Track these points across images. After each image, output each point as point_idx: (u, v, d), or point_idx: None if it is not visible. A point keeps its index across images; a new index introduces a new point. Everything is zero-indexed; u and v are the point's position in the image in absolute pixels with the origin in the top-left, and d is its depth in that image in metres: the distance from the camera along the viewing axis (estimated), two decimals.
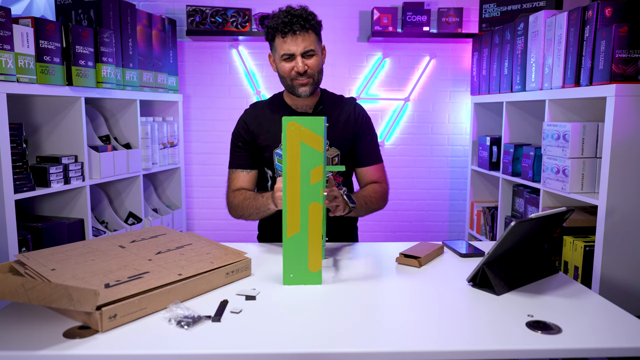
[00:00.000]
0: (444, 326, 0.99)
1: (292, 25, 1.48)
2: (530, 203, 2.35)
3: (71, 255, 1.19)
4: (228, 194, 1.64)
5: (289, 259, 1.20)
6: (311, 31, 1.51)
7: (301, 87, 1.55)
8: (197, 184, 3.26)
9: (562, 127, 1.94)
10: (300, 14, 1.50)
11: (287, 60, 1.53)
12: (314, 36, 1.53)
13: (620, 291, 1.74)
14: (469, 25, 3.10)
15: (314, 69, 1.54)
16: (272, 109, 1.65)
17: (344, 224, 1.74)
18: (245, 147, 1.64)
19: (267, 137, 1.62)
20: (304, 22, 1.49)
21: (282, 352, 0.89)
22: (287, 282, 1.21)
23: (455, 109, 3.21)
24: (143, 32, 2.59)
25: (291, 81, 1.55)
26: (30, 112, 2.15)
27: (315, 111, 1.64)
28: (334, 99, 1.70)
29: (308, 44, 1.51)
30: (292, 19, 1.48)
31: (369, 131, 1.68)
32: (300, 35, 1.49)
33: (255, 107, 1.69)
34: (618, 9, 1.75)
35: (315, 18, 1.54)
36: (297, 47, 1.50)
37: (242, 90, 3.18)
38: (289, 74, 1.54)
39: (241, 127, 1.65)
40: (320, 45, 1.59)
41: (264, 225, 1.79)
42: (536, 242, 1.30)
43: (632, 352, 0.91)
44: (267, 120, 1.64)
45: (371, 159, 1.67)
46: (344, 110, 1.67)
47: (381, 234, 3.28)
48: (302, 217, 1.18)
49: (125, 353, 0.87)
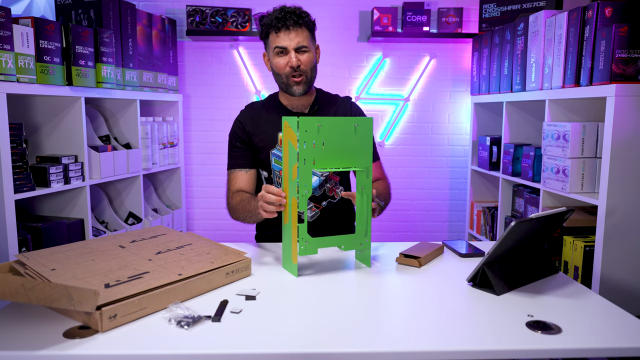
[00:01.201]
0: (444, 326, 0.99)
1: (286, 21, 1.50)
2: (530, 203, 2.35)
3: (71, 255, 1.19)
4: (228, 196, 1.64)
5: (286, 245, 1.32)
6: (304, 27, 1.53)
7: (295, 86, 1.56)
8: (197, 184, 3.26)
9: (562, 127, 1.94)
10: (294, 10, 1.53)
11: (280, 55, 1.54)
12: (307, 33, 1.55)
13: (620, 291, 1.74)
14: (469, 25, 3.10)
15: (306, 65, 1.55)
16: (268, 110, 1.66)
17: (347, 224, 1.75)
18: (243, 146, 1.64)
19: (263, 138, 1.63)
20: (297, 17, 1.51)
21: (282, 352, 0.89)
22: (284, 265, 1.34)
23: (455, 109, 3.21)
24: (143, 32, 2.59)
25: (286, 78, 1.56)
26: (30, 112, 2.15)
27: (311, 111, 1.65)
28: (329, 98, 1.70)
29: (301, 40, 1.52)
30: (285, 15, 1.51)
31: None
32: (294, 31, 1.51)
33: (251, 108, 1.70)
34: (618, 9, 1.75)
35: (308, 16, 1.56)
36: (291, 42, 1.52)
37: (242, 90, 3.18)
38: (283, 69, 1.55)
39: (237, 128, 1.66)
40: (314, 44, 1.60)
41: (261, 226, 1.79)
42: (536, 242, 1.30)
43: (632, 352, 0.91)
44: (263, 120, 1.64)
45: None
46: (339, 109, 1.68)
47: (381, 234, 3.28)
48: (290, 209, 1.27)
49: (125, 353, 0.87)
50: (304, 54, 1.54)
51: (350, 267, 1.36)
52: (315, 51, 1.61)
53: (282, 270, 1.33)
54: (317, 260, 1.41)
